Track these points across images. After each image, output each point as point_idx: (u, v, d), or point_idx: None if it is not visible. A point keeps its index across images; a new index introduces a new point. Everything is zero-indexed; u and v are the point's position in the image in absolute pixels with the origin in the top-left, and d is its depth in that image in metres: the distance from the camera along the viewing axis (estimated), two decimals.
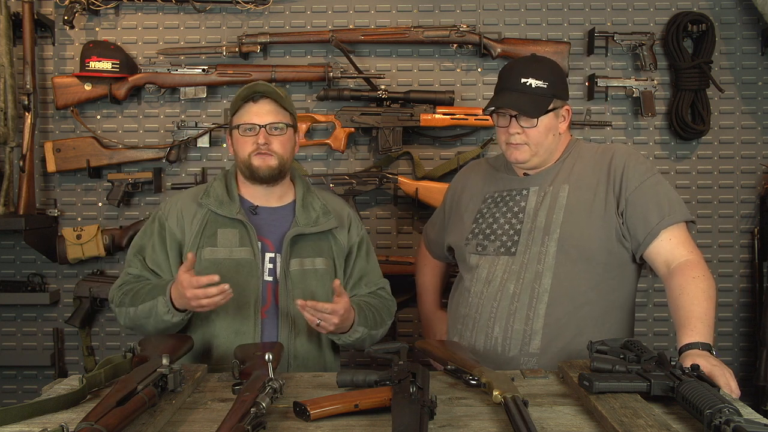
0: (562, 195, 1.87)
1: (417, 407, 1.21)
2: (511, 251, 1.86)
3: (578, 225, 1.83)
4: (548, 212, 1.86)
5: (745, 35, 2.75)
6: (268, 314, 1.85)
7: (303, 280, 1.88)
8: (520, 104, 1.84)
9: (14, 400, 2.78)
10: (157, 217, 1.93)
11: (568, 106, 1.93)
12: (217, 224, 1.88)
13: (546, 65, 1.92)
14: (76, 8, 2.65)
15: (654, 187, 1.85)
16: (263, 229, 1.90)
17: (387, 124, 2.65)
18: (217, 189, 1.92)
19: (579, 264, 1.82)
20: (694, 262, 1.77)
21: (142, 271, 1.88)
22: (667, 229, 1.81)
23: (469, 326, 1.89)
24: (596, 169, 1.90)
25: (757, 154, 2.77)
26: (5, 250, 2.81)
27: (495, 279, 1.86)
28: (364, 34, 2.69)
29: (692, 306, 1.68)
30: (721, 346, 2.79)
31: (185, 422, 1.33)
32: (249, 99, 1.88)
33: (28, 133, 2.63)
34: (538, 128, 1.85)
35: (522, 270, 1.83)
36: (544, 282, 1.81)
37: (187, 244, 1.87)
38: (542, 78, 1.85)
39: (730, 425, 1.09)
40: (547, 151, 1.90)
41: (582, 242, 1.82)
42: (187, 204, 1.92)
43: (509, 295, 1.83)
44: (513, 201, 1.92)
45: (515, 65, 1.94)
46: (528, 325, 1.80)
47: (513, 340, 1.81)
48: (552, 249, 1.82)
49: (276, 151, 1.86)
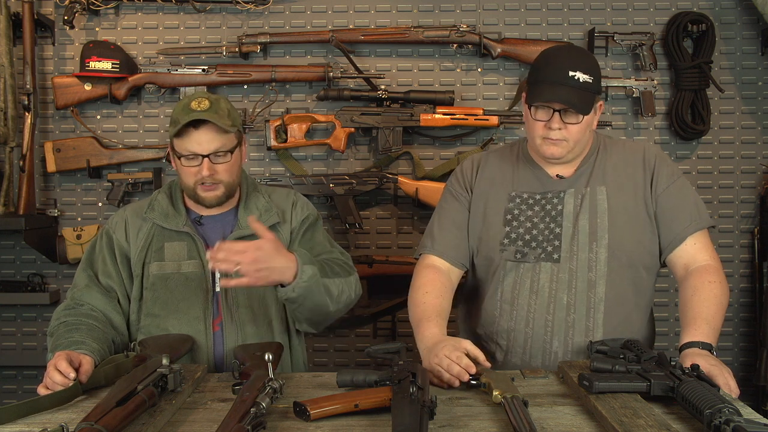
0: (602, 198, 1.81)
1: (417, 407, 1.20)
2: (553, 258, 1.78)
3: (625, 230, 1.79)
4: (590, 216, 1.79)
5: (745, 35, 2.75)
6: (220, 326, 1.81)
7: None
8: (572, 99, 1.72)
9: (14, 400, 2.77)
10: (104, 232, 1.90)
11: (602, 101, 1.84)
12: (164, 238, 1.85)
13: (591, 59, 1.83)
14: (76, 8, 2.65)
15: (681, 189, 1.82)
16: (210, 239, 1.85)
17: (387, 124, 2.65)
18: (161, 202, 1.88)
19: (628, 270, 1.79)
20: (713, 268, 1.76)
21: (89, 285, 1.81)
22: (693, 235, 1.79)
23: (519, 341, 1.80)
24: (630, 169, 1.85)
25: (757, 154, 2.76)
26: (5, 250, 2.81)
27: (543, 289, 1.78)
28: (364, 34, 2.69)
29: (701, 307, 1.67)
30: (721, 346, 2.78)
31: (185, 422, 1.32)
32: (190, 125, 1.75)
33: (28, 133, 2.63)
34: (581, 125, 1.75)
35: (572, 278, 1.77)
36: (598, 291, 1.77)
37: (133, 258, 1.84)
38: (589, 72, 1.74)
39: (729, 425, 1.09)
40: (582, 146, 1.81)
41: (631, 247, 1.79)
42: (131, 218, 1.88)
43: (563, 306, 1.77)
44: (550, 204, 1.82)
45: (560, 56, 1.78)
46: (589, 336, 1.75)
47: (573, 354, 1.75)
48: (603, 256, 1.77)
49: (222, 180, 1.80)
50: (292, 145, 2.69)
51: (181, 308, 1.81)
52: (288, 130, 2.67)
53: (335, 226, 2.75)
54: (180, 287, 1.81)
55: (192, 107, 1.75)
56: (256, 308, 1.84)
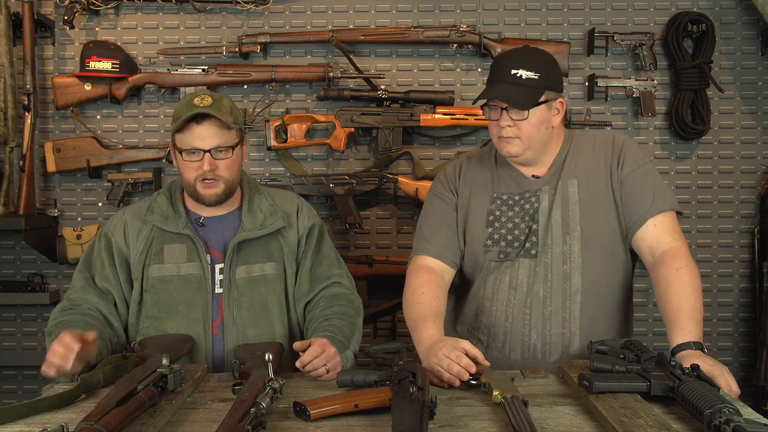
0: (572, 190, 1.84)
1: (417, 407, 1.20)
2: (530, 253, 1.82)
3: (597, 220, 1.82)
4: (563, 210, 1.82)
5: (745, 35, 2.75)
6: (220, 328, 1.81)
7: (251, 287, 1.83)
8: (510, 96, 1.76)
9: (14, 400, 2.78)
10: (103, 234, 1.88)
11: (563, 99, 1.85)
12: (164, 240, 1.84)
13: (538, 56, 1.84)
14: (76, 8, 2.65)
15: (646, 175, 1.84)
16: (212, 240, 1.85)
17: (387, 124, 2.65)
18: (161, 204, 1.86)
19: (602, 259, 1.82)
20: (677, 250, 1.76)
21: (85, 287, 1.81)
22: (654, 217, 1.80)
23: (499, 336, 1.82)
24: (599, 159, 1.87)
25: (757, 154, 2.76)
26: (5, 250, 2.81)
27: (521, 284, 1.81)
28: (364, 34, 2.69)
29: (679, 301, 1.68)
30: (721, 346, 2.79)
31: (185, 422, 1.33)
32: (192, 119, 1.76)
33: (28, 133, 2.63)
34: (530, 121, 1.77)
35: (548, 272, 1.80)
36: (574, 282, 1.79)
37: (133, 261, 1.83)
38: (533, 69, 1.77)
39: (730, 425, 1.09)
40: (541, 144, 1.82)
41: (603, 237, 1.82)
42: (131, 220, 1.87)
43: (540, 299, 1.79)
44: (528, 203, 1.85)
45: (506, 56, 1.85)
46: (566, 327, 1.78)
47: (553, 345, 1.78)
48: (576, 247, 1.80)
49: (222, 176, 1.79)
50: (292, 145, 2.69)
51: (180, 310, 1.80)
52: (288, 130, 2.67)
53: (335, 226, 2.75)
54: (180, 289, 1.81)
55: (195, 103, 1.76)
56: (258, 310, 1.84)
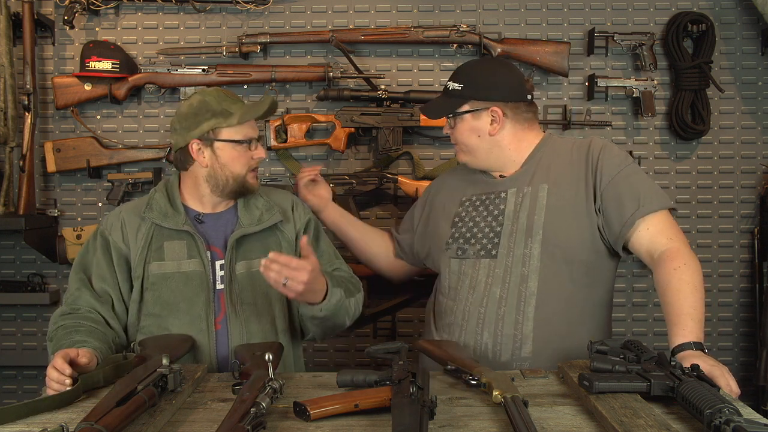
0: (542, 195, 1.85)
1: (417, 407, 1.21)
2: (492, 254, 1.84)
3: (561, 226, 1.82)
4: (529, 214, 1.84)
5: (745, 35, 2.75)
6: (223, 324, 1.82)
7: (252, 282, 1.84)
8: (429, 107, 1.97)
9: (14, 400, 2.78)
10: (99, 233, 1.88)
11: (497, 107, 1.88)
12: (163, 237, 1.84)
13: (472, 67, 1.95)
14: (76, 8, 2.65)
15: (627, 178, 1.83)
16: (211, 237, 1.86)
17: (387, 124, 2.65)
18: (159, 201, 1.87)
19: (563, 265, 1.82)
20: (674, 251, 1.75)
21: (81, 289, 1.80)
22: (644, 219, 1.79)
23: (456, 333, 1.86)
24: (574, 165, 1.88)
25: (757, 154, 2.76)
26: (5, 250, 2.81)
27: (479, 284, 1.84)
28: (364, 34, 2.69)
29: (679, 301, 1.68)
30: (721, 346, 2.79)
31: (185, 422, 1.33)
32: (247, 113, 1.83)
33: (28, 133, 2.62)
34: (457, 129, 1.91)
35: (506, 273, 1.82)
36: (530, 285, 1.80)
37: (134, 259, 1.83)
38: (459, 80, 1.90)
39: (730, 425, 1.09)
40: (483, 151, 1.91)
41: (566, 243, 1.82)
42: (129, 218, 1.87)
43: (496, 299, 1.81)
44: (493, 204, 1.90)
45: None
46: (518, 329, 1.79)
47: (504, 345, 1.79)
48: (536, 251, 1.81)
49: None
50: (292, 145, 2.69)
51: (182, 307, 1.81)
52: (288, 130, 2.67)
53: None
54: (181, 286, 1.81)
55: (233, 98, 1.85)
56: (260, 305, 1.85)
